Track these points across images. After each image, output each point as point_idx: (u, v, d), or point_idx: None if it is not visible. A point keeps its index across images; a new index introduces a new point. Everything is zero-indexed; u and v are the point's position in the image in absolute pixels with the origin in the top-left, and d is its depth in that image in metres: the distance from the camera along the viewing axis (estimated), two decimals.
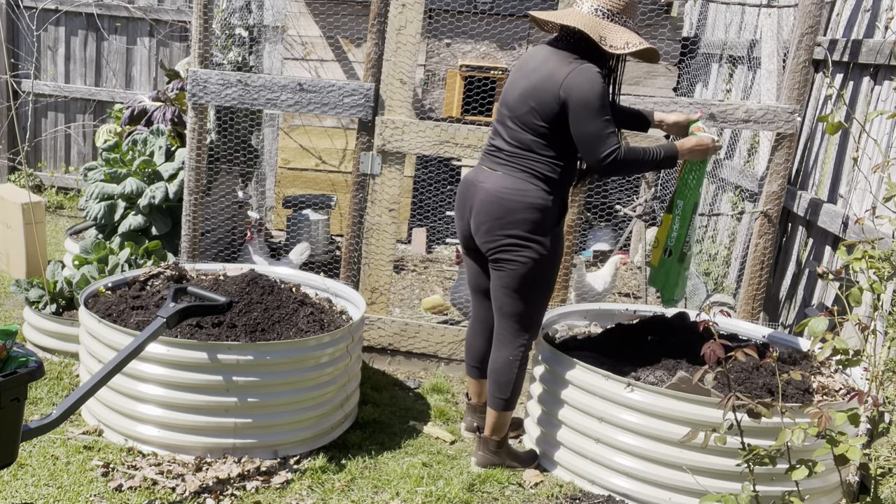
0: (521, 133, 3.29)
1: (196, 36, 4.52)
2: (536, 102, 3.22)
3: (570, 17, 3.22)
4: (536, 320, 3.48)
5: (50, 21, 7.65)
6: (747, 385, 3.32)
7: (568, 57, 3.22)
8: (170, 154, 5.19)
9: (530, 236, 3.28)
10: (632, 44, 3.18)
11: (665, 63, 6.60)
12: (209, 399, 3.38)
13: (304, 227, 5.99)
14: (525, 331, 3.43)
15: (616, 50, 3.17)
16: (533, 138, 3.27)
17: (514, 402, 3.51)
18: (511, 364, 3.44)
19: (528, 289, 3.35)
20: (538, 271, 3.33)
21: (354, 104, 4.40)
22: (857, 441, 2.44)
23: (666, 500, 3.23)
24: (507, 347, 3.45)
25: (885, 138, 3.79)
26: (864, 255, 2.68)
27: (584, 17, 3.19)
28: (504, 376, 3.45)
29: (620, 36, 3.18)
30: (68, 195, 7.92)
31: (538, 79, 3.24)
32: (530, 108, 3.24)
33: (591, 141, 3.17)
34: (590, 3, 3.23)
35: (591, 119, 3.14)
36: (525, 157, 3.29)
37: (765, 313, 4.72)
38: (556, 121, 3.21)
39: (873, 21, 4.19)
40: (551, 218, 3.31)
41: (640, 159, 3.26)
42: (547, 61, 3.26)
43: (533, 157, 3.28)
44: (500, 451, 3.56)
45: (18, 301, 5.10)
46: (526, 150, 3.29)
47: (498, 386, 3.47)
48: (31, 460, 3.34)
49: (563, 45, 3.26)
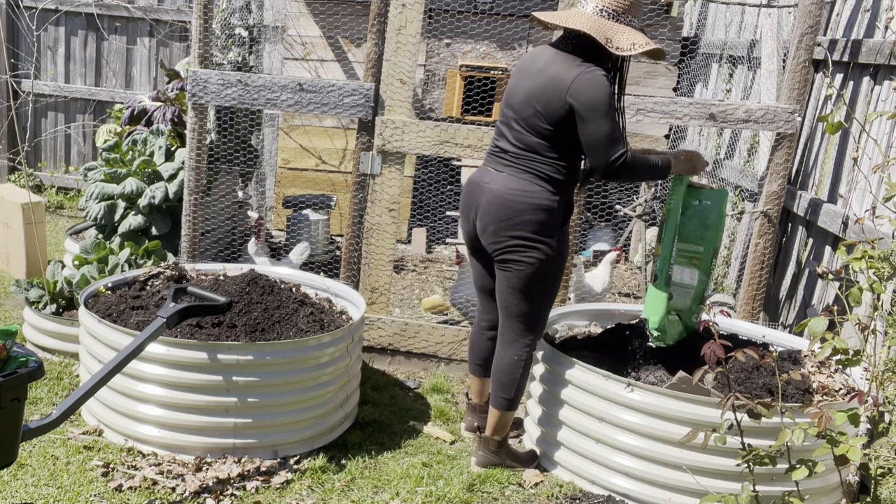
0: (525, 135, 3.29)
1: (196, 36, 4.52)
2: (542, 106, 3.22)
3: (574, 19, 3.20)
4: (542, 321, 3.48)
5: (50, 21, 7.65)
6: (747, 385, 3.32)
7: (574, 60, 3.21)
8: (170, 154, 5.19)
9: (536, 237, 3.28)
10: (638, 44, 3.16)
11: (665, 63, 6.60)
12: (209, 399, 3.38)
13: (304, 227, 5.99)
14: (531, 331, 3.44)
15: (623, 52, 3.15)
16: (538, 140, 3.27)
17: (517, 402, 3.52)
18: (516, 364, 3.44)
19: (535, 289, 3.35)
20: (544, 272, 3.33)
21: (354, 104, 4.40)
22: (858, 441, 2.44)
23: (666, 500, 3.23)
24: (512, 347, 3.45)
25: (885, 138, 3.79)
26: (864, 255, 2.68)
27: (588, 19, 3.18)
28: (508, 376, 3.45)
29: (626, 36, 3.17)
30: (68, 195, 7.92)
31: (543, 81, 3.23)
32: (535, 111, 3.24)
33: (601, 143, 3.16)
34: (594, 4, 3.21)
35: (600, 122, 3.14)
36: (530, 158, 3.29)
37: (765, 313, 4.72)
38: (562, 124, 3.21)
39: (873, 21, 4.19)
40: (557, 219, 3.31)
41: (644, 165, 3.28)
42: (552, 64, 3.25)
43: (538, 158, 3.28)
44: (501, 451, 3.56)
45: (18, 301, 5.10)
46: (531, 152, 3.29)
47: (502, 385, 3.47)
48: (31, 460, 3.34)
49: (568, 47, 3.25)
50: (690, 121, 4.25)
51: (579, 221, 4.50)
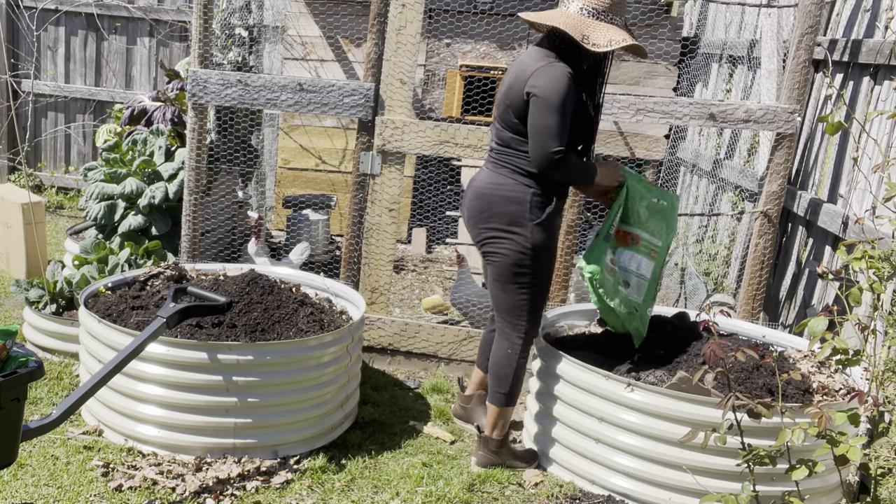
0: (502, 131, 3.42)
1: (196, 36, 4.52)
2: (510, 100, 3.35)
3: (555, 18, 3.28)
4: (532, 314, 3.49)
5: (50, 21, 7.65)
6: (747, 385, 3.32)
7: (546, 56, 3.30)
8: (170, 154, 5.19)
9: (509, 228, 3.37)
10: (615, 41, 3.22)
11: (665, 63, 6.60)
12: (209, 399, 3.38)
13: (304, 227, 5.99)
14: (521, 323, 3.47)
15: (598, 48, 3.21)
16: (511, 135, 3.38)
17: (514, 398, 3.53)
18: (509, 357, 3.47)
19: (516, 280, 3.41)
20: (523, 263, 3.39)
21: (354, 104, 4.40)
22: (858, 441, 2.44)
23: (666, 500, 3.23)
24: (505, 341, 3.50)
25: (885, 138, 3.79)
26: (864, 255, 2.68)
27: (569, 17, 3.25)
28: (502, 369, 3.49)
29: (604, 33, 3.22)
30: (68, 195, 7.92)
31: (513, 77, 3.35)
32: (506, 105, 3.37)
33: (543, 134, 3.24)
34: (577, 3, 3.28)
35: (547, 114, 3.22)
36: (506, 153, 3.41)
37: (765, 313, 4.72)
38: (526, 116, 3.30)
39: (873, 21, 4.19)
40: (532, 210, 3.37)
41: (578, 167, 3.35)
42: (525, 60, 3.36)
43: (511, 152, 3.40)
44: (501, 450, 3.56)
45: (18, 301, 5.10)
46: (506, 147, 3.41)
47: (497, 379, 3.50)
48: (31, 460, 3.34)
49: (547, 45, 3.34)
50: (690, 121, 4.25)
51: (579, 221, 4.50)
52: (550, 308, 4.26)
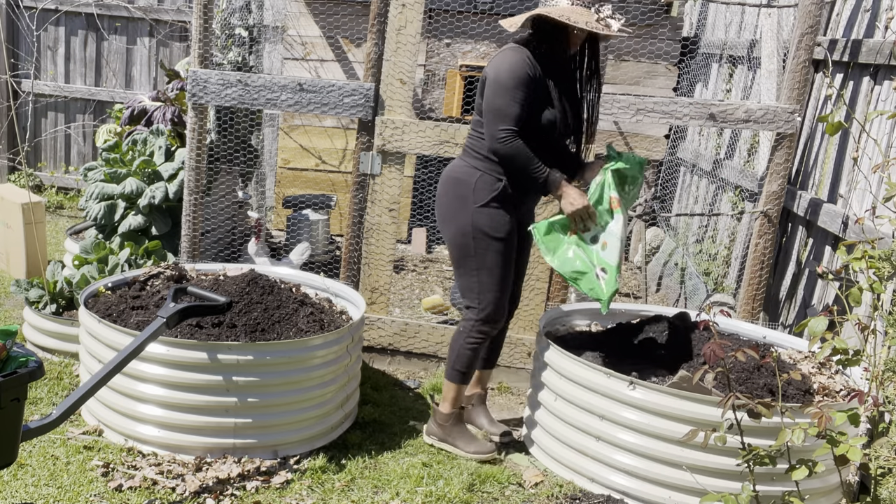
0: (474, 118, 3.51)
1: (196, 36, 4.52)
2: (480, 87, 3.44)
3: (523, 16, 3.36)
4: (483, 299, 3.50)
5: (50, 21, 7.65)
6: (748, 385, 3.32)
7: (514, 47, 3.39)
8: (170, 154, 5.19)
9: (450, 213, 3.47)
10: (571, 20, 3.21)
11: (665, 63, 6.60)
12: (209, 399, 3.38)
13: (304, 227, 5.99)
14: (472, 305, 3.52)
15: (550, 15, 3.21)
16: (478, 118, 3.46)
17: (460, 377, 3.60)
18: (459, 335, 3.58)
19: (464, 263, 3.49)
20: (468, 247, 3.45)
21: (354, 104, 4.40)
22: (858, 441, 2.44)
23: (666, 499, 3.23)
24: (462, 319, 3.60)
25: (885, 138, 3.79)
26: (864, 255, 2.68)
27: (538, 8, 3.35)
28: (453, 345, 3.61)
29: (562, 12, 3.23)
30: (68, 195, 7.92)
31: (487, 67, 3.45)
32: (479, 93, 3.46)
33: (492, 114, 3.30)
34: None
35: (497, 94, 3.28)
36: (471, 136, 3.51)
37: (765, 313, 4.72)
38: None
39: (873, 21, 4.19)
40: (475, 192, 3.41)
41: (525, 158, 3.29)
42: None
43: (475, 135, 3.48)
44: (447, 425, 3.65)
45: (18, 301, 5.10)
46: (473, 132, 3.50)
47: (449, 353, 3.63)
48: (31, 460, 3.34)
49: (520, 40, 3.43)
50: (690, 121, 4.25)
51: None
52: (551, 308, 4.26)
